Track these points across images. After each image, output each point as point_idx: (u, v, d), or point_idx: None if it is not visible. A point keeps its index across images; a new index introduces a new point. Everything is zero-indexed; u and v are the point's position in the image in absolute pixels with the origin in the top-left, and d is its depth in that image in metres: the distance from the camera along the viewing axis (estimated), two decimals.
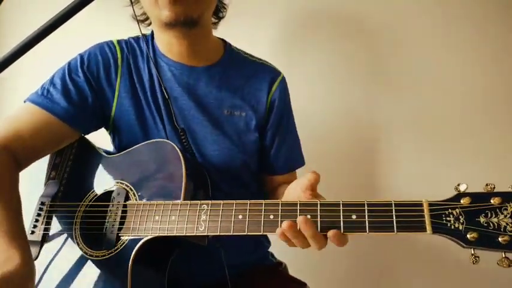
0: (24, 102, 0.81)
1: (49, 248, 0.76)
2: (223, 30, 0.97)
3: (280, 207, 0.61)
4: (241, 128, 0.88)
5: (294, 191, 0.69)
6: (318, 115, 1.30)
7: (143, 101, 0.85)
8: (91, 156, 0.83)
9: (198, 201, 0.67)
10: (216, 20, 0.95)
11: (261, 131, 0.91)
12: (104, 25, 1.27)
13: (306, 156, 1.01)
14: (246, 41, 1.03)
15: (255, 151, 0.91)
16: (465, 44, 1.23)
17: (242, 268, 0.91)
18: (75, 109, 0.81)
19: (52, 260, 0.75)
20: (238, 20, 1.09)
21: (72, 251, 0.74)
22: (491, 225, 0.52)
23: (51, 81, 0.83)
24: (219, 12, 0.94)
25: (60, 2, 0.52)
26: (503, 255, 0.52)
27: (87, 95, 0.83)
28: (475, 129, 1.22)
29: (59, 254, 0.75)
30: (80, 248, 0.73)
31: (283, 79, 0.95)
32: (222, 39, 0.96)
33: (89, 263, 0.71)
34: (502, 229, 0.52)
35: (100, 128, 0.90)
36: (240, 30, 1.26)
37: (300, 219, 0.59)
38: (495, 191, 0.54)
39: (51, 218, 0.78)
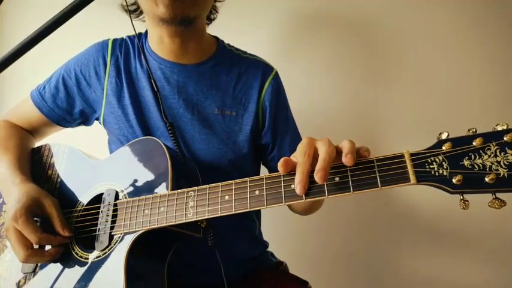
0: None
1: None
2: (224, 29, 0.97)
3: (264, 182, 0.61)
4: (232, 127, 0.87)
5: None
6: (317, 113, 1.30)
7: (130, 98, 0.86)
8: (81, 164, 0.84)
9: (185, 189, 0.67)
10: (208, 22, 0.95)
11: (255, 131, 0.89)
12: (105, 24, 1.28)
13: None
14: (246, 39, 1.04)
15: (247, 152, 0.89)
16: (465, 42, 1.23)
17: (242, 269, 0.89)
18: (60, 110, 0.90)
19: (50, 269, 0.74)
20: (238, 18, 1.10)
21: (69, 258, 0.74)
22: (476, 166, 0.51)
23: (50, 78, 0.92)
24: (210, 14, 0.94)
25: (60, 2, 0.54)
26: (494, 196, 0.50)
27: (74, 97, 0.89)
28: (476, 125, 1.19)
29: (57, 264, 0.75)
30: (76, 253, 0.73)
31: (276, 75, 0.93)
32: (215, 37, 0.95)
33: (87, 266, 0.71)
34: (487, 169, 0.50)
35: (87, 124, 0.95)
36: (240, 28, 1.28)
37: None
38: (477, 133, 0.53)
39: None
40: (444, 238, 1.19)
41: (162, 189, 0.70)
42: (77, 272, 0.71)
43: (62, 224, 0.72)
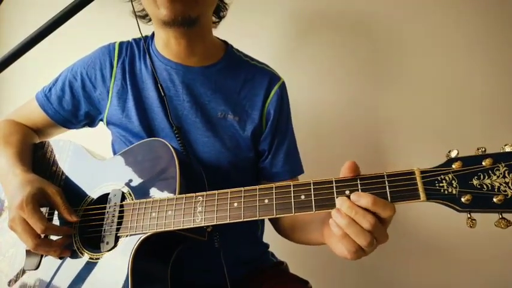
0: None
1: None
2: (226, 30, 0.96)
3: (274, 191, 0.61)
4: (234, 132, 0.87)
5: None
6: (321, 114, 1.31)
7: (134, 100, 0.85)
8: (86, 162, 0.83)
9: (193, 194, 0.67)
10: (217, 20, 0.94)
11: (256, 137, 0.89)
12: (107, 25, 1.28)
13: (310, 155, 1.00)
14: (249, 41, 1.04)
15: (248, 155, 0.89)
16: (467, 44, 1.24)
17: (243, 269, 0.90)
18: (66, 112, 0.90)
19: (54, 267, 0.74)
20: (241, 20, 1.10)
21: (73, 256, 0.74)
22: (485, 186, 0.52)
23: (56, 80, 0.91)
24: (219, 11, 0.93)
25: (60, 2, 0.53)
26: (500, 216, 0.52)
27: (80, 99, 0.89)
28: (477, 127, 1.23)
29: (61, 262, 0.75)
30: (81, 252, 0.73)
31: (282, 85, 0.93)
32: (224, 41, 0.95)
33: (91, 266, 0.71)
34: (496, 189, 0.51)
35: (92, 126, 0.95)
36: (243, 30, 1.28)
37: (353, 196, 0.55)
38: (486, 153, 0.54)
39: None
40: (444, 240, 1.22)
41: (169, 193, 0.70)
42: (81, 271, 0.72)
43: (68, 210, 0.72)
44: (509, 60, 1.22)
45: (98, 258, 0.71)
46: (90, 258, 0.72)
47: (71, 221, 0.73)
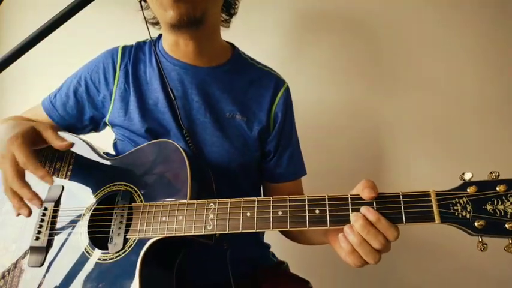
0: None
1: (55, 253, 0.75)
2: (226, 31, 0.96)
3: (288, 203, 0.62)
4: (242, 132, 0.88)
5: None
6: (323, 115, 1.31)
7: (137, 102, 0.85)
8: (93, 159, 0.82)
9: (205, 200, 0.67)
10: (228, 17, 0.94)
11: (262, 137, 0.90)
12: (108, 24, 1.25)
13: (313, 156, 1.01)
14: (248, 42, 1.03)
15: (255, 156, 0.90)
16: (468, 44, 1.25)
17: (245, 268, 0.91)
18: (70, 117, 0.91)
19: (59, 265, 0.74)
20: (241, 21, 1.09)
21: (79, 255, 0.73)
22: (498, 212, 0.53)
23: (61, 86, 0.92)
24: (230, 8, 0.93)
25: (60, 2, 0.52)
26: (510, 241, 0.53)
27: (84, 103, 0.90)
28: (477, 127, 1.24)
29: (66, 259, 0.74)
30: (87, 252, 0.73)
31: (287, 88, 0.95)
32: (231, 44, 0.96)
33: (98, 266, 0.71)
34: (508, 216, 0.53)
35: (97, 130, 0.95)
36: (243, 31, 1.26)
37: (362, 209, 0.57)
38: (500, 178, 0.55)
39: (55, 223, 0.77)
40: (444, 239, 1.24)
41: (179, 197, 0.70)
42: (87, 271, 0.71)
43: (58, 138, 0.71)
44: (505, 60, 1.24)
45: (106, 260, 0.71)
46: (99, 259, 0.71)
47: (66, 144, 0.70)
